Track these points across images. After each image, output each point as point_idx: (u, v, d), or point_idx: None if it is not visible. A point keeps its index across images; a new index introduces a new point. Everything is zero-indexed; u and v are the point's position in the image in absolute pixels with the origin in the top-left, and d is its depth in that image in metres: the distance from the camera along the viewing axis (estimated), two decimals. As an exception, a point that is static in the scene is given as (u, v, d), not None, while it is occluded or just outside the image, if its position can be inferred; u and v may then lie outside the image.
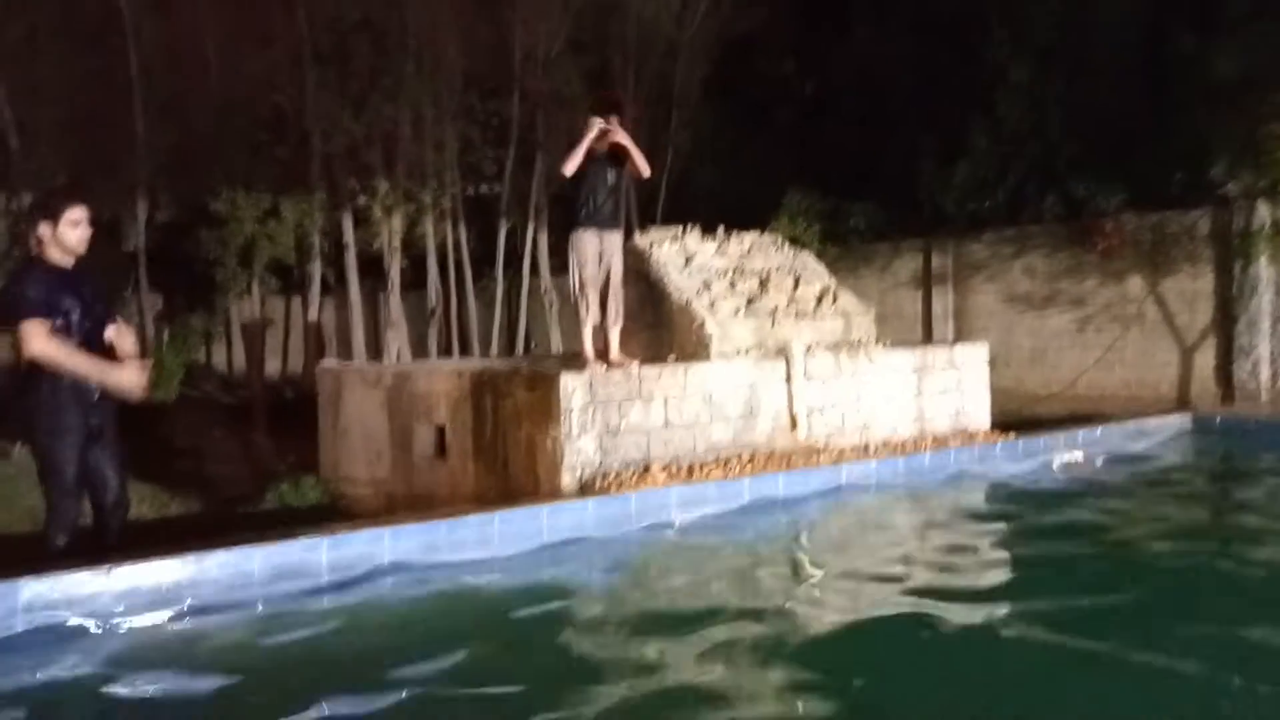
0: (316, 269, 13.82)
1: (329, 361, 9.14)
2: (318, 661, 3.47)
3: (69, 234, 4.15)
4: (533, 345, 14.89)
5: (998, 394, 9.46)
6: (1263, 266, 9.80)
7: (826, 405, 6.68)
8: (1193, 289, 10.41)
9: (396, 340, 12.90)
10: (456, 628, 3.82)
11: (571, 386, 5.60)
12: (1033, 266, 11.72)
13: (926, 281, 12.79)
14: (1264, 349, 9.85)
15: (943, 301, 12.62)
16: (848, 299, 7.36)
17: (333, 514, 6.54)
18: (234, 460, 8.66)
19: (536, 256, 14.02)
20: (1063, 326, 11.41)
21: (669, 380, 6.03)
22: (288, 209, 12.23)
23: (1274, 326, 9.81)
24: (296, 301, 16.79)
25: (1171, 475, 6.63)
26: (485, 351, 13.88)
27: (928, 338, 12.38)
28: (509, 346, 14.34)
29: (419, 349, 13.71)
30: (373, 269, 13.59)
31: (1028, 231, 11.76)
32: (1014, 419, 9.09)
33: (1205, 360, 10.32)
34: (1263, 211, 9.71)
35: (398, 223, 12.57)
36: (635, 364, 6.09)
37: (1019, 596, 4.13)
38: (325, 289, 14.60)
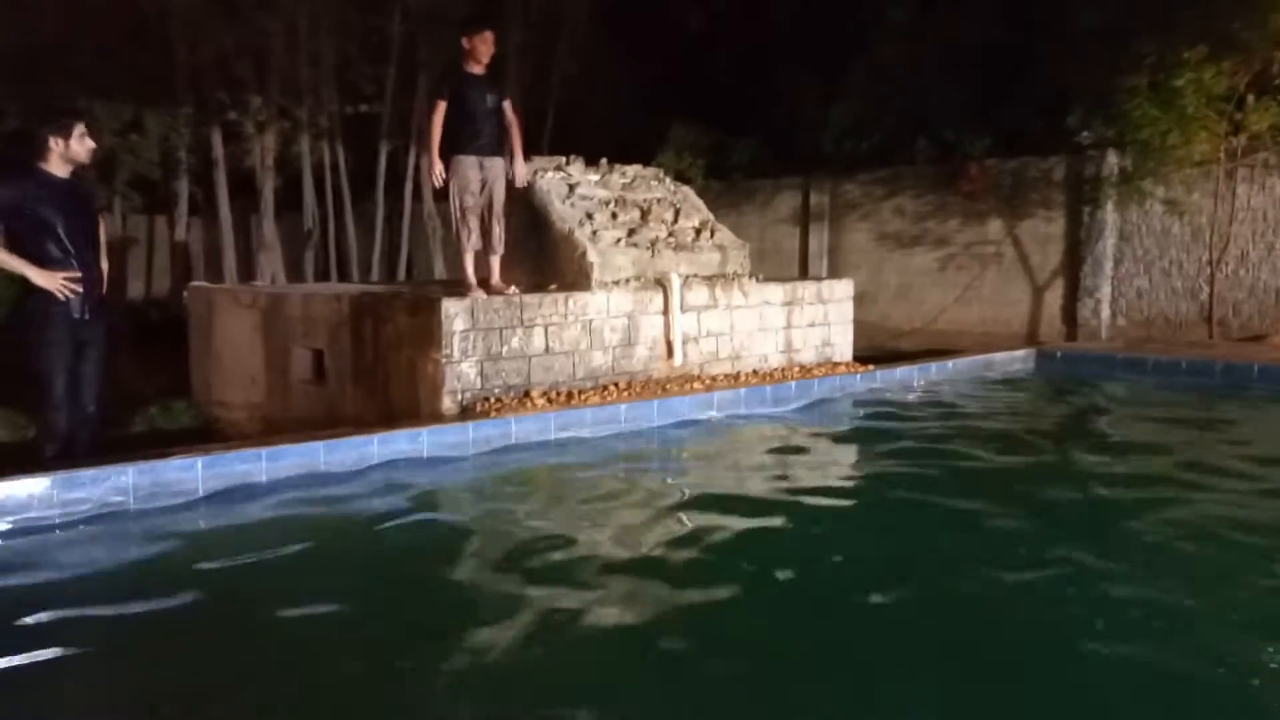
0: (183, 187, 13.22)
1: (200, 283, 8.85)
2: (189, 570, 3.52)
3: (79, 147, 4.60)
4: (415, 271, 14.68)
5: (867, 328, 9.98)
6: (1109, 212, 10.53)
7: (701, 335, 6.94)
8: (1046, 232, 11.11)
9: (270, 263, 12.54)
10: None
11: (453, 311, 5.67)
12: (902, 207, 12.25)
13: (804, 219, 13.20)
14: (1105, 290, 10.65)
15: (819, 239, 13.07)
16: (725, 233, 7.59)
17: (206, 437, 6.46)
18: (97, 383, 8.34)
19: (419, 180, 13.75)
20: (927, 265, 12.01)
21: (550, 308, 6.15)
22: (151, 121, 11.63)
23: (1115, 269, 10.61)
24: (161, 221, 16.05)
25: (1012, 404, 7.18)
26: (365, 277, 13.64)
27: (804, 273, 12.83)
28: (390, 272, 14.12)
29: (294, 273, 13.36)
30: (244, 189, 13.09)
31: (899, 173, 12.25)
32: (878, 351, 9.63)
33: (1054, 299, 11.09)
34: (1111, 160, 10.40)
35: (271, 140, 12.12)
36: (517, 291, 6.19)
37: (871, 498, 4.60)
38: (193, 208, 13.99)
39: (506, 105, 6.32)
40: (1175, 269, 10.21)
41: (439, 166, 6.16)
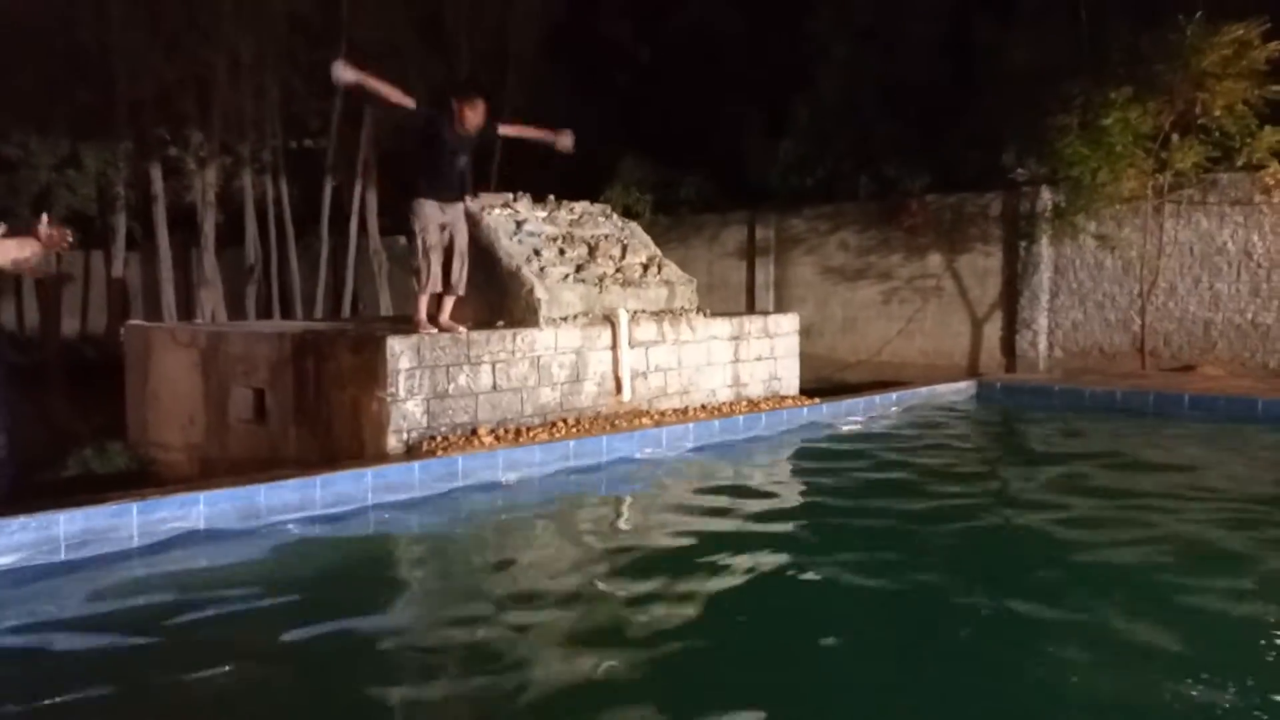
0: (121, 222, 12.96)
1: (137, 321, 8.67)
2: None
3: None
4: (360, 308, 14.52)
5: (813, 360, 10.08)
6: (1044, 246, 10.83)
7: (650, 370, 6.96)
8: (984, 265, 11.38)
9: (210, 300, 12.32)
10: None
11: (399, 349, 5.61)
12: (846, 241, 12.46)
13: (751, 253, 13.35)
14: (1042, 322, 10.92)
15: (765, 272, 13.22)
16: (672, 268, 7.64)
17: (143, 480, 6.29)
18: (28, 424, 8.08)
19: (365, 215, 13.65)
20: (871, 298, 12.22)
21: (497, 345, 6.12)
22: (89, 156, 11.40)
23: (1051, 301, 10.89)
24: (98, 256, 15.70)
25: (953, 433, 7.30)
26: (309, 313, 13.45)
27: (751, 306, 12.96)
28: (334, 309, 13.94)
29: (236, 310, 13.13)
30: (184, 223, 12.88)
31: (843, 208, 12.48)
32: (825, 384, 9.74)
33: (994, 331, 11.34)
34: (1046, 196, 10.71)
35: (212, 175, 11.95)
36: (464, 329, 6.16)
37: (817, 533, 4.61)
38: (131, 244, 13.72)
39: (467, 160, 6.33)
40: (1108, 301, 10.51)
41: (353, 74, 5.89)
